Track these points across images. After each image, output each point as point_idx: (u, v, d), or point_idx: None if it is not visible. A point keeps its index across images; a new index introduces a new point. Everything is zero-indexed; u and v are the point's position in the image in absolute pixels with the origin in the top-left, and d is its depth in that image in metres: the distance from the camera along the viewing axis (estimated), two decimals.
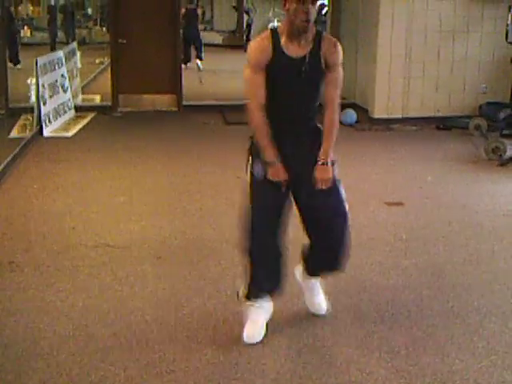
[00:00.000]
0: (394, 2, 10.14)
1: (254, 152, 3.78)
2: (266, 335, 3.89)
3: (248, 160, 3.84)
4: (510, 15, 9.69)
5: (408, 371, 3.58)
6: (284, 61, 3.67)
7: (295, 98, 3.76)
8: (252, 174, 3.81)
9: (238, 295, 4.04)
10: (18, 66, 13.36)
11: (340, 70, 3.76)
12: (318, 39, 3.70)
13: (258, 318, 3.95)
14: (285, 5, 3.63)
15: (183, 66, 15.83)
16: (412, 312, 4.27)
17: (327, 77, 3.73)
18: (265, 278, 3.94)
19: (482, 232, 5.80)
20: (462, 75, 10.66)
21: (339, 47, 3.74)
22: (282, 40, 3.68)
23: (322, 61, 3.69)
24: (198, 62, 16.83)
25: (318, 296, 4.23)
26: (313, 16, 3.58)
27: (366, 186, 7.10)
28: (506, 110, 9.61)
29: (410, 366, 3.64)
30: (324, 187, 3.77)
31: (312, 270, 4.14)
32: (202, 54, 17.13)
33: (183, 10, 15.82)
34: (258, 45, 3.70)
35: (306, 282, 4.21)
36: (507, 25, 9.73)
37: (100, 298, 4.38)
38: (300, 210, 3.92)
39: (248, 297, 3.96)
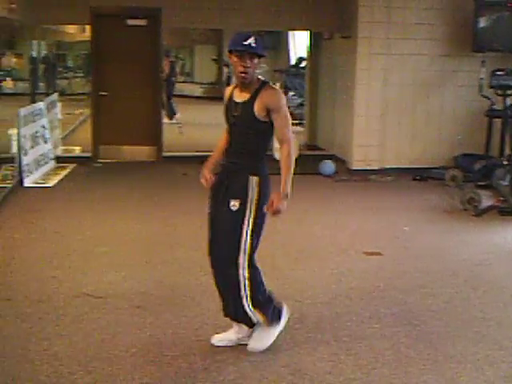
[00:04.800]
0: (371, 57, 10.40)
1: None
2: None
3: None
4: (482, 69, 9.95)
5: None
6: (230, 105, 4.30)
7: (233, 137, 4.33)
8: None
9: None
10: None
11: (283, 111, 4.19)
12: (258, 89, 4.20)
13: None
14: (230, 58, 4.20)
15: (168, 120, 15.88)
16: (390, 360, 4.33)
17: (274, 119, 4.18)
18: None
19: (457, 281, 5.90)
20: (438, 127, 10.89)
21: (278, 94, 4.24)
22: (232, 87, 4.37)
23: (255, 108, 4.15)
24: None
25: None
26: (251, 69, 4.10)
27: (344, 236, 7.20)
28: (481, 162, 9.79)
29: None
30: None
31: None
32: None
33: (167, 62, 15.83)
34: (226, 91, 4.43)
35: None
36: (480, 79, 9.98)
37: (82, 347, 4.40)
38: None
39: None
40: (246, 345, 4.40)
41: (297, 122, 16.42)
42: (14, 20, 10.72)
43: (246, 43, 4.07)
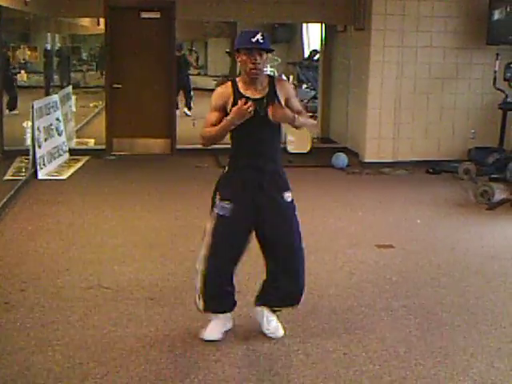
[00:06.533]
0: (384, 49, 10.37)
1: (220, 189, 4.55)
2: None
3: (213, 201, 4.51)
4: (496, 62, 9.90)
5: None
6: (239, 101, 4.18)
7: (255, 135, 4.29)
8: (217, 214, 4.42)
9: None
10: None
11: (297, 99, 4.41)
12: (272, 82, 4.29)
13: (218, 322, 4.49)
14: (237, 57, 4.22)
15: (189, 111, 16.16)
16: (400, 352, 4.34)
17: (292, 103, 4.33)
18: (218, 303, 4.47)
19: (470, 274, 5.90)
20: (451, 120, 10.86)
21: (288, 83, 4.52)
22: (240, 86, 4.27)
23: (281, 99, 4.26)
24: (186, 110, 16.67)
25: (272, 322, 4.54)
26: (261, 65, 4.14)
27: (357, 228, 7.21)
28: (495, 155, 9.76)
29: None
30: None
31: (268, 301, 4.52)
32: (191, 103, 16.96)
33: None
34: (220, 92, 4.31)
35: (258, 310, 4.57)
36: (494, 71, 9.93)
37: (94, 338, 4.44)
38: (262, 243, 4.43)
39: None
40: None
41: (310, 114, 16.49)
42: (28, 13, 10.75)
43: (253, 40, 4.11)
